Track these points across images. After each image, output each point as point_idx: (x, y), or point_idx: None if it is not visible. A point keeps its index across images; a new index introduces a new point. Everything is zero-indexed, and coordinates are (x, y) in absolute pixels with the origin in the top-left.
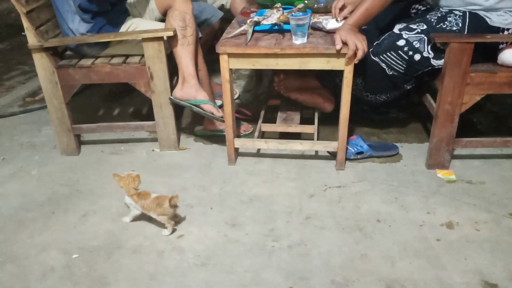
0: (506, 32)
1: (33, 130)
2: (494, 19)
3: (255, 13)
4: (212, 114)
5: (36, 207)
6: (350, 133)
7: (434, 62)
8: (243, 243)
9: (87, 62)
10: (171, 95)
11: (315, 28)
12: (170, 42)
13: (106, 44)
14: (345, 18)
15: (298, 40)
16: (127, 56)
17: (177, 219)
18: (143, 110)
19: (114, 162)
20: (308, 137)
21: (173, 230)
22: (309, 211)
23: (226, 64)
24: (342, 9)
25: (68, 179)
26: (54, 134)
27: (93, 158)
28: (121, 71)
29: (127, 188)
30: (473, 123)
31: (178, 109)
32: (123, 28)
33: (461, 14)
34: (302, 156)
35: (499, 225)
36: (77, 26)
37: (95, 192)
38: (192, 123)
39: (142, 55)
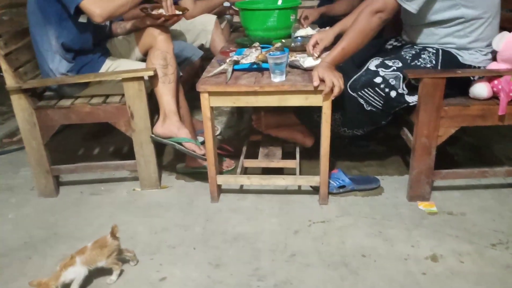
0: None
1: (10, 171)
2: (466, 57)
3: (234, 52)
4: (194, 152)
5: (11, 252)
6: (332, 167)
7: (409, 98)
8: (228, 284)
9: (66, 102)
10: (152, 133)
11: (293, 66)
12: (151, 81)
13: (86, 84)
14: (321, 55)
15: (277, 78)
16: (107, 95)
17: (127, 254)
18: (123, 149)
19: (94, 203)
20: (291, 171)
21: (120, 272)
22: (294, 248)
23: (207, 102)
24: (315, 46)
25: (46, 222)
26: (32, 176)
27: (72, 200)
28: (101, 110)
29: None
30: (450, 155)
31: (159, 146)
32: (103, 68)
33: (434, 51)
34: (286, 191)
35: (482, 257)
36: (57, 66)
37: (73, 235)
38: (174, 160)
39: (123, 94)
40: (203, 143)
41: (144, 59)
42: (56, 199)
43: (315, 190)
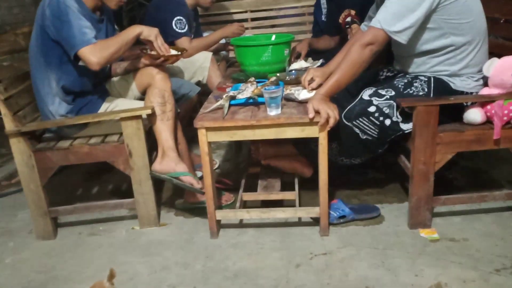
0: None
1: (9, 214)
2: (458, 84)
3: (230, 88)
4: (192, 185)
5: None
6: (331, 196)
7: (403, 126)
8: None
9: (65, 143)
10: (151, 169)
11: (288, 99)
12: (150, 118)
13: (85, 125)
14: (315, 88)
15: (273, 112)
16: (105, 135)
17: None
18: (122, 187)
19: (93, 244)
20: (290, 203)
21: None
22: (296, 282)
23: (204, 137)
24: (311, 81)
25: (44, 265)
26: (30, 218)
27: (71, 241)
28: (100, 150)
29: None
30: (449, 180)
31: (158, 184)
32: (102, 108)
33: (426, 79)
34: (286, 224)
35: (487, 283)
36: (57, 108)
37: (72, 278)
38: (173, 196)
39: (121, 133)
40: (201, 178)
41: (142, 97)
42: (55, 242)
43: (316, 221)
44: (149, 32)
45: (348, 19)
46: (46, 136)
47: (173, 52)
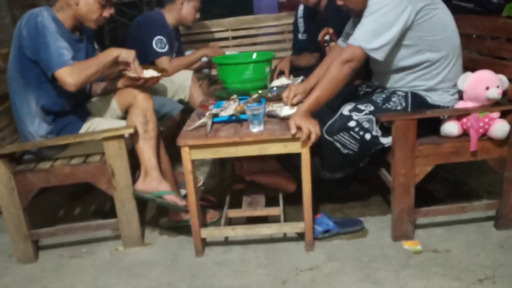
0: None
1: None
2: (434, 98)
3: (213, 105)
4: (176, 204)
5: None
6: (315, 211)
7: (383, 140)
8: None
9: (45, 165)
10: (134, 189)
11: (270, 115)
12: (132, 138)
13: (66, 145)
14: (297, 104)
15: (255, 128)
16: (87, 155)
17: None
18: (105, 207)
19: (75, 266)
20: (275, 219)
21: None
22: None
23: (187, 155)
24: (293, 98)
25: None
26: (10, 242)
27: (52, 264)
28: (81, 171)
29: None
30: (429, 192)
31: (142, 202)
32: (83, 128)
33: (403, 94)
34: (271, 240)
35: None
36: (37, 129)
37: None
38: (157, 215)
39: (103, 153)
40: (185, 196)
41: (124, 117)
42: (36, 265)
43: (301, 236)
44: (127, 54)
45: (327, 37)
46: (26, 157)
47: (153, 73)
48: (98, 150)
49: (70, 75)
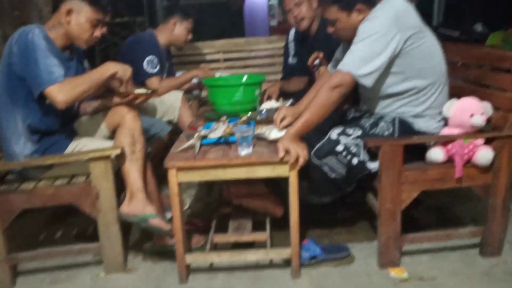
0: None
1: None
2: (421, 125)
3: (202, 127)
4: (160, 228)
5: None
6: (302, 236)
7: (370, 165)
8: None
9: (29, 185)
10: (118, 212)
11: (259, 138)
12: (119, 159)
13: (51, 165)
14: (286, 127)
15: (244, 151)
16: (72, 176)
17: None
18: (88, 230)
19: None
20: (262, 244)
21: None
22: None
23: (174, 178)
24: (282, 119)
25: None
26: None
27: None
28: (65, 192)
29: None
30: (415, 218)
31: (126, 226)
32: (70, 148)
33: (391, 120)
34: (257, 266)
35: None
36: (22, 148)
37: None
38: (141, 239)
39: (88, 174)
40: (171, 219)
41: (111, 137)
42: None
43: (287, 263)
44: (124, 73)
45: (317, 61)
46: (9, 177)
47: (142, 91)
48: (83, 171)
49: (60, 92)
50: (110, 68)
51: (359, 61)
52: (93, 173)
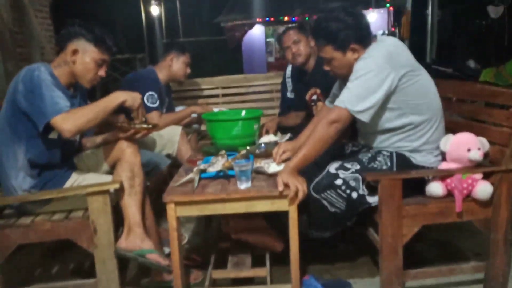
0: None
1: None
2: (419, 159)
3: (201, 161)
4: (158, 263)
5: None
6: (303, 272)
7: (370, 199)
8: None
9: (26, 220)
10: (116, 247)
11: (258, 172)
12: (117, 193)
13: (49, 200)
14: (285, 161)
15: (243, 185)
16: (70, 210)
17: None
18: (85, 265)
19: None
20: (262, 280)
21: None
22: None
23: (173, 212)
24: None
25: None
26: None
27: None
28: (63, 227)
29: None
30: (418, 253)
31: (123, 262)
32: (68, 183)
33: (389, 154)
34: None
35: None
36: (21, 183)
37: None
38: (138, 275)
39: (86, 209)
40: (169, 254)
41: (111, 171)
42: None
43: None
44: (133, 102)
45: (314, 97)
46: (7, 212)
47: (143, 125)
48: (81, 205)
49: (66, 121)
50: (119, 96)
51: (356, 97)
52: (91, 207)
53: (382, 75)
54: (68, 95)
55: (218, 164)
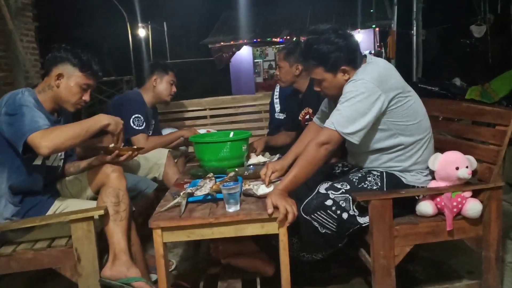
0: None
1: None
2: (409, 179)
3: (188, 184)
4: None
5: None
6: None
7: (360, 219)
8: None
9: (7, 249)
10: (100, 276)
11: (247, 194)
12: (102, 219)
13: (31, 228)
14: (274, 182)
15: (232, 208)
16: (53, 238)
17: None
18: None
19: None
20: None
21: None
22: None
23: (159, 238)
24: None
25: None
26: None
27: None
28: (45, 256)
29: None
30: (410, 273)
31: None
32: (51, 210)
33: (379, 174)
34: None
35: None
36: (2, 211)
37: None
38: None
39: (70, 236)
40: (156, 281)
41: (95, 197)
42: None
43: None
44: (116, 126)
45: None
46: None
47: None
48: (65, 233)
49: (43, 138)
50: (102, 119)
51: (346, 120)
52: (75, 235)
53: (372, 97)
54: (51, 121)
55: (206, 187)
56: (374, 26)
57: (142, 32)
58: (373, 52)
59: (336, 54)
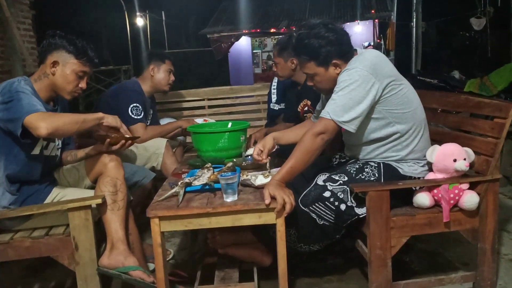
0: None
1: None
2: (406, 169)
3: (186, 174)
4: (143, 280)
5: None
6: (292, 286)
7: (358, 210)
8: None
9: (5, 237)
10: (98, 264)
11: (245, 184)
12: (100, 208)
13: (28, 216)
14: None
15: (229, 198)
16: (50, 227)
17: None
18: (66, 284)
19: None
20: None
21: None
22: None
23: (157, 227)
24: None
25: None
26: None
27: None
28: (43, 244)
29: None
30: (406, 264)
31: (106, 279)
32: (49, 199)
33: (376, 165)
34: None
35: None
36: None
37: None
38: None
39: (67, 225)
40: (154, 270)
41: (93, 186)
42: None
43: None
44: (113, 119)
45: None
46: None
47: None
48: (62, 221)
49: (42, 120)
50: (99, 114)
51: (341, 108)
52: (72, 223)
53: (367, 86)
54: (48, 110)
55: (203, 177)
56: (373, 17)
57: (140, 22)
58: (372, 44)
59: (327, 48)
